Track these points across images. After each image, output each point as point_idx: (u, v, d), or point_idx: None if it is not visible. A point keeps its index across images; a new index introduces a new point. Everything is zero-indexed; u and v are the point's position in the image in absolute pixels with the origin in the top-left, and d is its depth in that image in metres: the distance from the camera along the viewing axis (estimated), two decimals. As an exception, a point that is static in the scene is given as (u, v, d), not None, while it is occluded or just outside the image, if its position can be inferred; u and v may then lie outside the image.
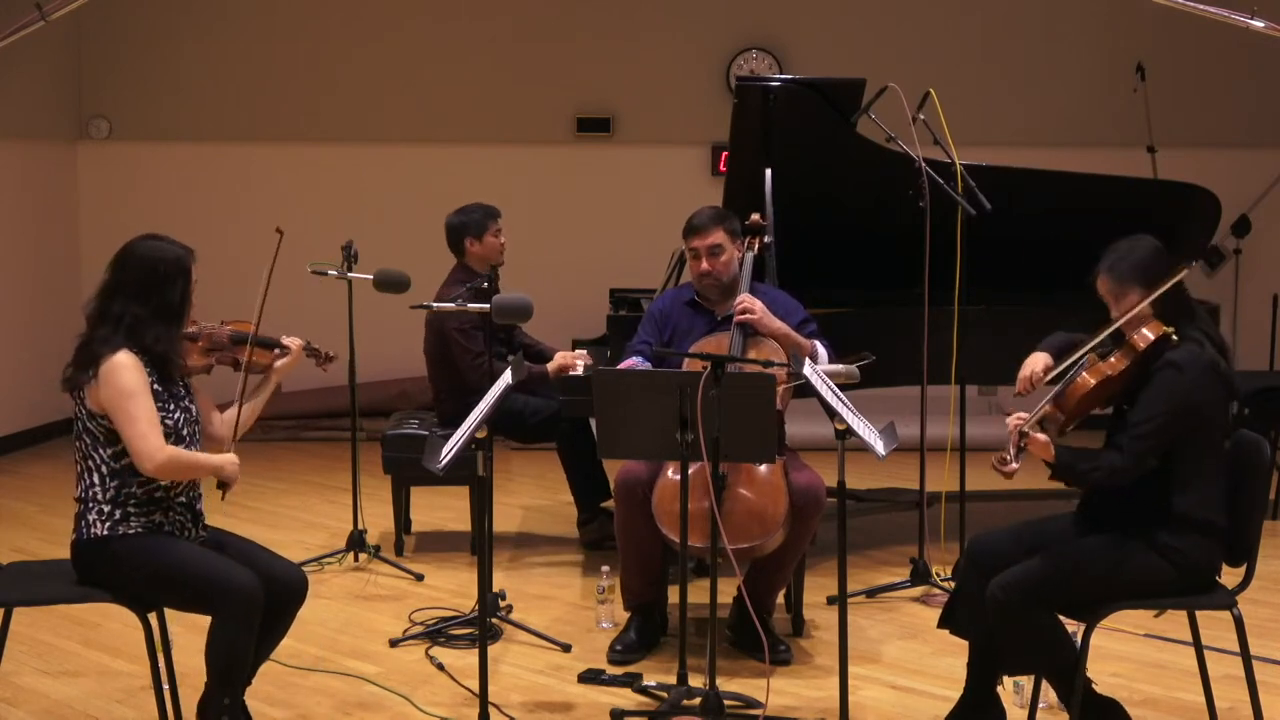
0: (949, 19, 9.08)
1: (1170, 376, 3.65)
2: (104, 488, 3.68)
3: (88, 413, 3.68)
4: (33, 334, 8.19)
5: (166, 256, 3.74)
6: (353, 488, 5.88)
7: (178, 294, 3.74)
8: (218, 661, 3.61)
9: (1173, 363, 3.66)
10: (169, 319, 3.72)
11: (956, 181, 5.36)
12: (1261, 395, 6.66)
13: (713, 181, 8.52)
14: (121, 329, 3.66)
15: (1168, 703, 4.32)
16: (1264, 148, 8.93)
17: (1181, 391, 3.64)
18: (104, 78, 9.15)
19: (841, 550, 3.87)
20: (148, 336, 3.67)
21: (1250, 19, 5.36)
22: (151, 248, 3.76)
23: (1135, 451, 3.64)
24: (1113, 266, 3.78)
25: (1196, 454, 3.67)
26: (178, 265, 3.74)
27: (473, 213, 6.01)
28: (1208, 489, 3.68)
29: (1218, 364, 3.69)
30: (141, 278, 3.71)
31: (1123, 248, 3.81)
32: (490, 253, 5.97)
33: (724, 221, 4.93)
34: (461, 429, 4.02)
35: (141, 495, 3.69)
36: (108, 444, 3.68)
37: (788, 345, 4.78)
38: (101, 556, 3.67)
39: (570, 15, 9.13)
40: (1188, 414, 3.65)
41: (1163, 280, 3.72)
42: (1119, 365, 3.72)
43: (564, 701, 4.36)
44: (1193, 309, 3.80)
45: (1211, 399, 3.69)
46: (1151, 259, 3.77)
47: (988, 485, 6.27)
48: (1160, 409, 3.64)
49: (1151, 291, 3.72)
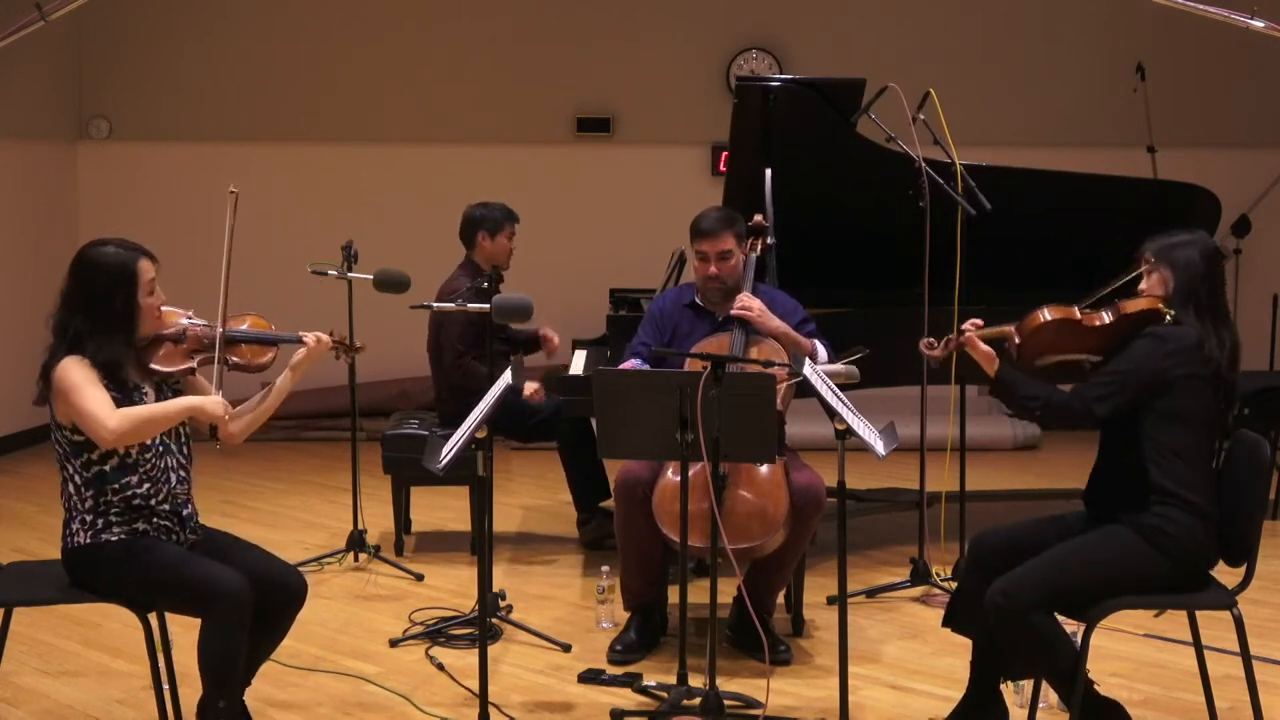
0: (949, 19, 9.08)
1: (1147, 343, 3.66)
2: (81, 497, 3.68)
3: (55, 424, 3.68)
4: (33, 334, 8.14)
5: (109, 265, 3.67)
6: (353, 488, 5.88)
7: (119, 303, 3.66)
8: (209, 664, 3.59)
9: (1155, 333, 3.66)
10: (111, 329, 3.65)
11: (956, 181, 5.36)
12: (1261, 395, 6.66)
13: (713, 181, 8.52)
14: (65, 342, 3.65)
15: (1168, 703, 4.32)
16: (1264, 148, 8.93)
17: (1153, 358, 3.62)
18: (104, 78, 9.15)
19: (841, 550, 3.87)
20: (89, 348, 3.63)
21: (1250, 19, 5.36)
22: (96, 255, 3.70)
23: (1084, 396, 3.63)
24: (1162, 241, 3.77)
25: (1174, 433, 3.65)
26: (120, 273, 3.66)
27: (494, 209, 6.11)
28: (1186, 470, 3.65)
29: (1205, 350, 3.66)
30: (81, 288, 3.68)
31: (1174, 232, 3.79)
32: (499, 253, 6.04)
33: (733, 225, 4.91)
34: (461, 429, 4.02)
35: (119, 504, 3.67)
36: (75, 455, 3.67)
37: (787, 344, 4.77)
38: (88, 564, 3.67)
39: (570, 15, 9.13)
40: (1155, 382, 3.62)
41: (1195, 272, 3.70)
42: (1094, 319, 3.70)
43: (564, 701, 4.36)
44: (1221, 310, 3.75)
45: (1188, 379, 3.64)
46: (1189, 245, 3.75)
47: (988, 485, 6.29)
48: (1126, 366, 3.64)
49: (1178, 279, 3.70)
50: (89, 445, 3.64)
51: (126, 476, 3.67)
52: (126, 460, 3.67)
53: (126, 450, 3.66)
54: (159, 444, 3.73)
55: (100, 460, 3.66)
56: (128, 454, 3.67)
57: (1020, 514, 4.42)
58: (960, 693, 4.02)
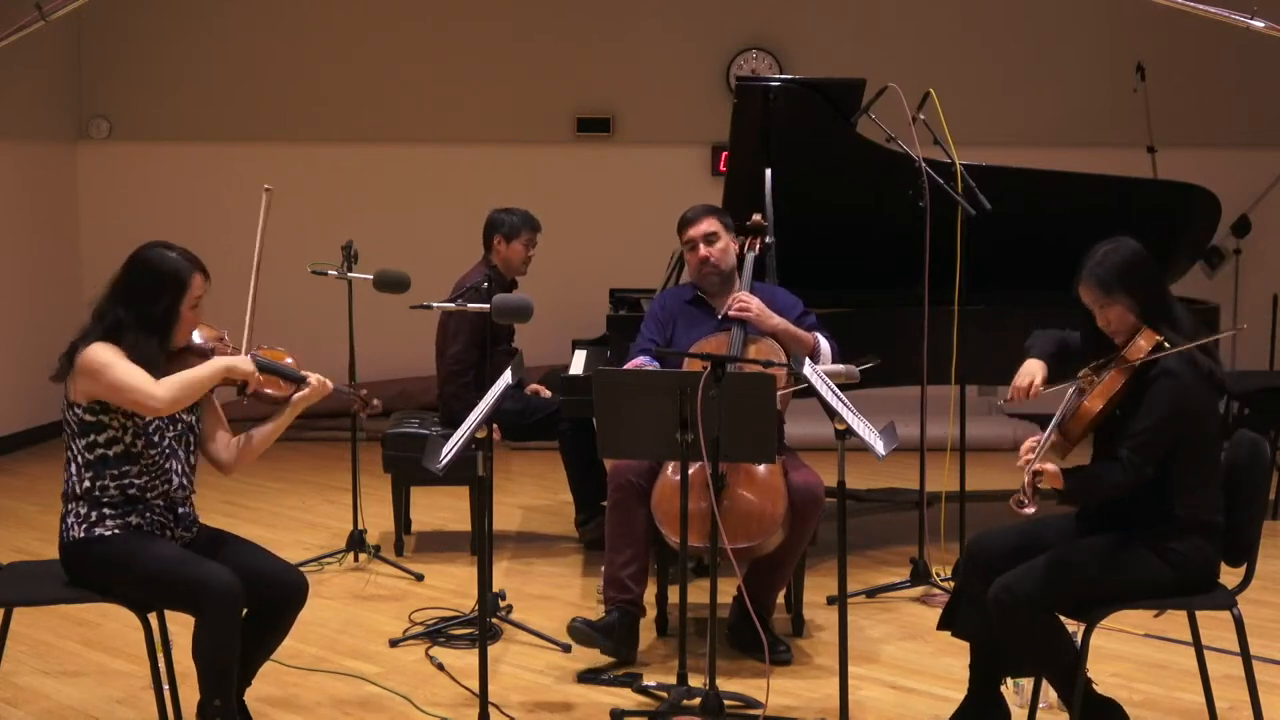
0: (949, 19, 9.08)
1: (1167, 384, 3.63)
2: (79, 479, 3.69)
3: (69, 403, 3.69)
4: (33, 334, 8.17)
5: (163, 267, 3.71)
6: (353, 488, 5.88)
7: (163, 306, 3.69)
8: (204, 662, 3.60)
9: (1168, 370, 3.64)
10: (150, 329, 3.68)
11: (956, 181, 5.36)
12: (1261, 395, 6.66)
13: (713, 181, 8.52)
14: (101, 327, 3.68)
15: (1168, 703, 4.32)
16: (1264, 148, 8.93)
17: (1178, 397, 3.62)
18: (104, 78, 9.15)
19: (841, 550, 3.87)
20: (125, 340, 3.66)
21: (1250, 19, 5.35)
22: (153, 256, 3.75)
23: (1136, 463, 3.61)
24: (1093, 272, 3.72)
25: (1194, 457, 3.67)
26: (173, 278, 3.70)
27: (515, 215, 6.11)
28: (1206, 492, 3.68)
29: (1211, 369, 3.68)
30: (133, 282, 3.71)
31: (1101, 252, 3.75)
32: (513, 258, 6.06)
33: (715, 213, 4.99)
34: (461, 429, 4.02)
35: (116, 493, 3.68)
36: (82, 434, 3.68)
37: (788, 341, 4.78)
38: (82, 559, 3.69)
39: (570, 15, 9.13)
40: (1185, 419, 3.64)
41: (1147, 283, 3.70)
42: (1117, 382, 3.67)
43: (564, 701, 4.36)
44: (1173, 311, 3.75)
45: (1207, 403, 3.69)
46: (1134, 262, 3.73)
47: (988, 485, 6.28)
48: (1158, 417, 3.62)
49: (1137, 299, 3.68)
50: (97, 427, 3.66)
51: (126, 466, 3.69)
52: (131, 451, 3.69)
53: (133, 442, 3.68)
54: (166, 445, 3.74)
55: (106, 445, 3.67)
56: (133, 444, 3.69)
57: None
58: (960, 693, 4.02)
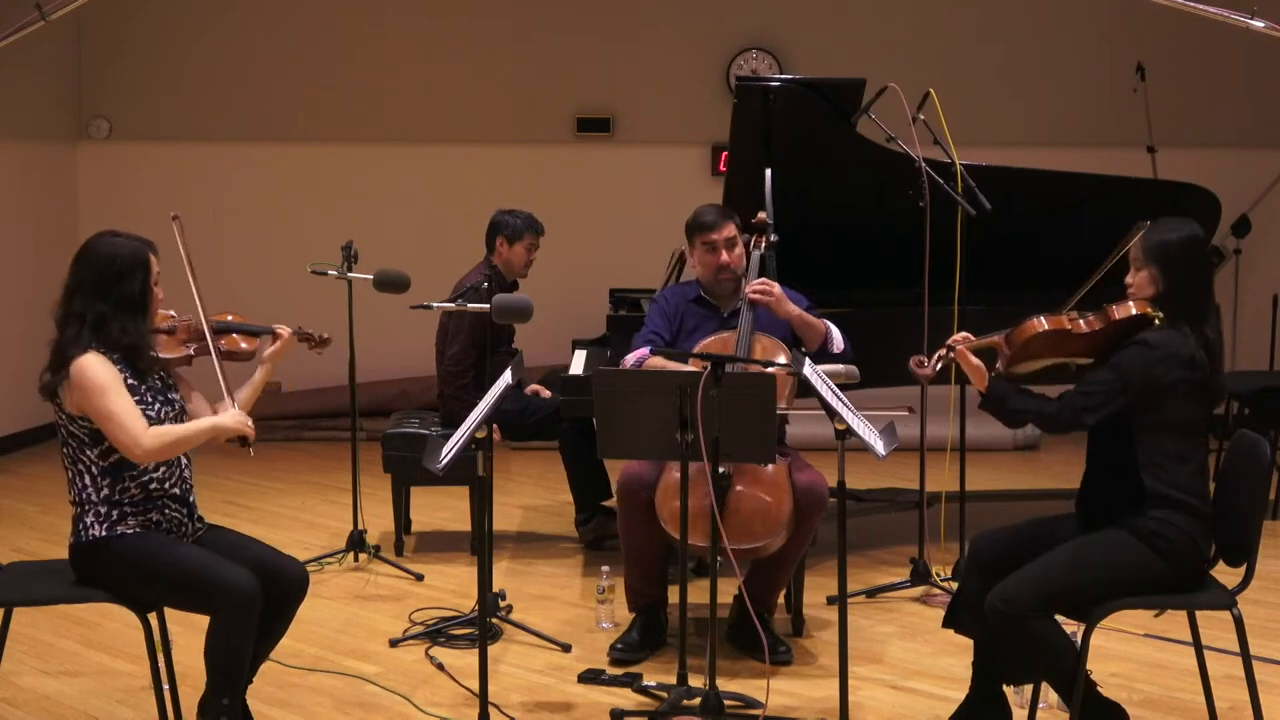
0: (949, 19, 9.08)
1: (1137, 351, 3.64)
2: (97, 488, 3.68)
3: (68, 416, 3.68)
4: (33, 334, 8.13)
5: (122, 251, 3.73)
6: (353, 488, 5.88)
7: (137, 286, 3.72)
8: (216, 661, 3.61)
9: (1145, 340, 3.65)
10: (132, 310, 3.71)
11: (956, 181, 5.36)
12: (1261, 395, 6.66)
13: (713, 181, 8.52)
14: (87, 327, 3.67)
15: (1168, 703, 4.32)
16: (1264, 148, 8.93)
17: (1143, 365, 3.62)
18: (104, 78, 9.15)
19: (841, 550, 3.87)
20: (114, 329, 3.67)
21: (1250, 19, 5.35)
22: (107, 244, 3.76)
23: (1074, 405, 3.63)
24: (1149, 234, 3.75)
25: (1164, 437, 3.65)
26: (134, 259, 3.73)
27: (518, 217, 6.11)
28: (1179, 471, 3.65)
29: (1194, 356, 3.65)
30: (98, 274, 3.71)
31: (1166, 224, 3.77)
32: (515, 260, 6.06)
33: (733, 216, 4.99)
34: (461, 429, 4.02)
35: (137, 493, 3.68)
36: (93, 444, 3.67)
37: (802, 327, 4.79)
38: (100, 558, 3.67)
39: (570, 15, 9.13)
40: (1145, 390, 3.62)
41: (1182, 270, 3.69)
42: (1085, 325, 3.69)
43: (564, 701, 4.36)
44: (1204, 310, 3.74)
45: (1177, 384, 3.64)
46: (1179, 244, 3.73)
47: (988, 485, 6.29)
48: (1115, 376, 3.63)
49: (1165, 276, 3.69)
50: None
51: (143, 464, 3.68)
52: None
53: None
54: None
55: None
56: None
57: (1020, 514, 4.41)
58: (961, 693, 4.02)
